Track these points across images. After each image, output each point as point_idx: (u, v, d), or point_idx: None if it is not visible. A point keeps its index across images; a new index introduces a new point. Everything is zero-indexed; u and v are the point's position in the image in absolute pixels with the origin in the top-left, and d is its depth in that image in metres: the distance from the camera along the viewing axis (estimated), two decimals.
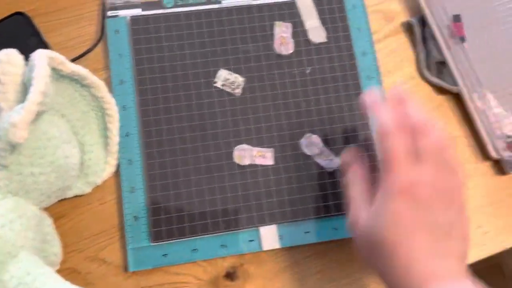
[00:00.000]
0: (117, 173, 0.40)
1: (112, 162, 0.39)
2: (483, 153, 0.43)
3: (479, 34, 0.44)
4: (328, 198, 0.40)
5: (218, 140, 0.41)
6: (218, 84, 0.42)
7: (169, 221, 0.38)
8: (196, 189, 0.39)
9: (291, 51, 0.43)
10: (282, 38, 0.43)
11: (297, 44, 0.43)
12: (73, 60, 0.41)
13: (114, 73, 0.41)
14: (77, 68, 0.34)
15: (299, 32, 0.43)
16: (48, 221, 0.36)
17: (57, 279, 0.31)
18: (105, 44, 0.42)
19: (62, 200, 0.38)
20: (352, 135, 0.42)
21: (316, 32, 0.43)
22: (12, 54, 0.32)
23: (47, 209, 0.36)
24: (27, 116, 0.29)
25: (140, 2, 0.43)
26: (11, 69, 0.31)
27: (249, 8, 0.43)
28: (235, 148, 0.41)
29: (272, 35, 0.43)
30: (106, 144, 0.39)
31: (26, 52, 0.32)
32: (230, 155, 0.40)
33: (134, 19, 0.42)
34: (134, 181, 0.39)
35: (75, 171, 0.36)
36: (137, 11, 0.42)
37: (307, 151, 0.41)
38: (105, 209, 0.39)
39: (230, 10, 0.43)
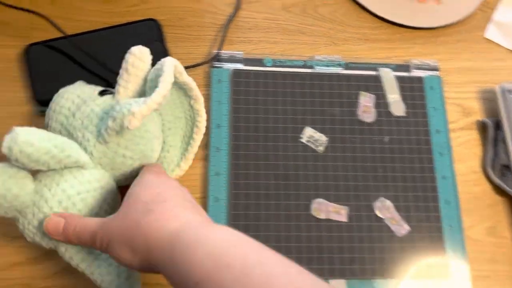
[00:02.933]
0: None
1: (184, 167, 0.43)
2: None
3: None
4: (395, 261, 0.42)
5: (298, 191, 0.44)
6: (304, 139, 0.46)
7: None
8: (274, 234, 0.42)
9: (372, 120, 0.47)
10: (366, 107, 0.47)
11: (378, 114, 0.47)
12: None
13: (213, 117, 0.45)
14: (189, 80, 0.38)
15: (381, 103, 0.48)
16: (119, 199, 0.38)
17: None
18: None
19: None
20: (424, 205, 0.44)
21: (397, 106, 0.48)
22: (144, 52, 0.36)
23: None
24: (146, 110, 0.32)
25: (243, 58, 0.48)
26: (140, 64, 0.36)
27: (339, 76, 0.48)
28: (313, 201, 0.43)
29: (357, 103, 0.47)
30: (184, 150, 0.43)
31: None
32: (308, 207, 0.43)
33: (236, 72, 0.47)
34: (218, 217, 0.42)
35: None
36: (239, 66, 0.47)
37: (380, 214, 0.44)
38: None
39: (322, 76, 0.48)
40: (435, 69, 0.50)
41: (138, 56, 0.36)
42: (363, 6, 0.53)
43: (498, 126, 0.48)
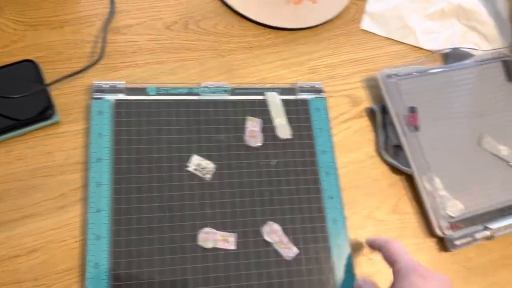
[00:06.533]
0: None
1: None
2: (429, 230, 0.48)
3: (431, 125, 0.50)
4: (283, 286, 0.43)
5: (184, 222, 0.43)
6: (190, 168, 0.45)
7: None
8: (158, 269, 0.41)
9: (259, 144, 0.47)
10: (252, 131, 0.48)
11: (265, 138, 0.48)
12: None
13: (92, 151, 0.43)
14: None
15: (268, 127, 0.48)
16: None
17: None
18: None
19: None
20: (310, 226, 0.45)
21: (283, 129, 0.48)
22: None
23: None
24: None
25: (125, 87, 0.47)
26: None
27: (225, 102, 0.48)
28: (200, 230, 0.43)
29: (243, 128, 0.48)
30: None
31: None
32: (194, 238, 0.43)
33: (118, 103, 0.46)
34: (99, 257, 0.40)
35: None
36: (121, 96, 0.46)
37: (268, 238, 0.44)
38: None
39: (207, 103, 0.48)
40: (320, 90, 0.52)
41: None
42: (244, 15, 0.53)
43: (385, 110, 0.51)
